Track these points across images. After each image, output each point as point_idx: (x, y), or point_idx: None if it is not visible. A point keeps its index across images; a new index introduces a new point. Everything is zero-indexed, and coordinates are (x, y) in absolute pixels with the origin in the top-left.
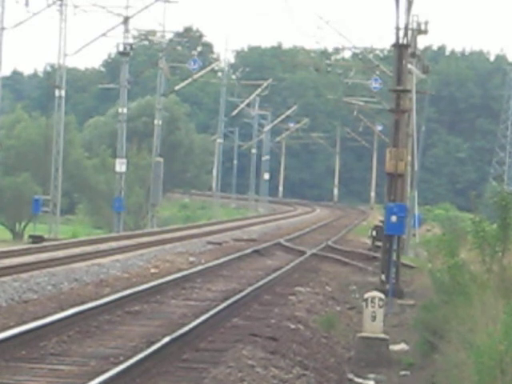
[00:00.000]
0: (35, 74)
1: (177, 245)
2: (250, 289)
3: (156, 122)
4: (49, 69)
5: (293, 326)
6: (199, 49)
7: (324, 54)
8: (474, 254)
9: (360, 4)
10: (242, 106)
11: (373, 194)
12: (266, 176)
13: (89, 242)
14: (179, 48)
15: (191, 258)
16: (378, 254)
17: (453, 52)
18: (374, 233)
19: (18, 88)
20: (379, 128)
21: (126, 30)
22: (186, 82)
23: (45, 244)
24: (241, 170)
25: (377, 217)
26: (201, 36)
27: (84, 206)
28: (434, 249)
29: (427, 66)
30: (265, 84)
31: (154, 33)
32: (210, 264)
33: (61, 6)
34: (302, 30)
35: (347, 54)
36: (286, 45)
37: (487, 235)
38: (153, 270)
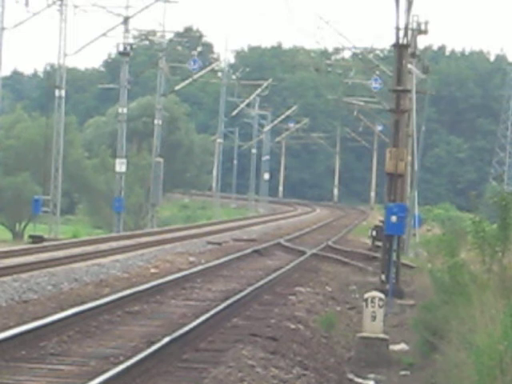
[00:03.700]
0: (35, 74)
1: (177, 245)
2: (250, 289)
3: (156, 121)
4: (49, 69)
5: (293, 326)
6: (199, 49)
7: (324, 54)
8: (474, 254)
9: (360, 4)
10: (242, 105)
11: (373, 194)
12: (266, 176)
13: (89, 242)
14: (179, 48)
15: (191, 258)
16: (378, 254)
17: (453, 52)
18: (374, 233)
19: (18, 88)
20: (379, 128)
21: (126, 30)
22: (186, 82)
23: (45, 244)
24: (241, 170)
25: (377, 217)
26: (201, 36)
27: (84, 206)
28: (434, 249)
29: (427, 66)
30: (265, 84)
31: (154, 33)
32: (210, 264)
33: (61, 5)
34: (302, 29)
35: (347, 54)
36: (286, 45)
37: (487, 235)
38: (153, 270)
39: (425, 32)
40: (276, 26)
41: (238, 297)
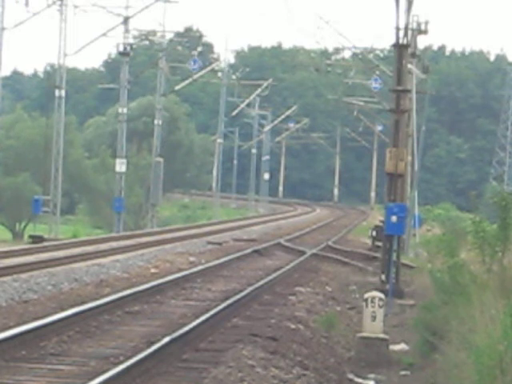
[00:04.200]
0: (35, 74)
1: (177, 245)
2: (250, 289)
3: (156, 121)
4: (49, 69)
5: (293, 326)
6: (199, 49)
7: (324, 54)
8: (474, 254)
9: (360, 4)
10: (242, 106)
11: (373, 194)
12: (266, 176)
13: (89, 242)
14: (179, 48)
15: (191, 258)
16: (378, 254)
17: (453, 52)
18: (374, 233)
19: (18, 88)
20: (379, 128)
21: (126, 30)
22: (186, 82)
23: (45, 244)
24: (241, 170)
25: (377, 217)
26: (201, 36)
27: (84, 206)
28: (434, 249)
29: (427, 66)
30: (265, 84)
31: (154, 33)
32: (210, 264)
33: (61, 5)
34: (302, 29)
35: (347, 54)
36: (286, 45)
37: (487, 235)
38: (153, 270)
39: (425, 32)
40: (276, 26)
41: (238, 297)
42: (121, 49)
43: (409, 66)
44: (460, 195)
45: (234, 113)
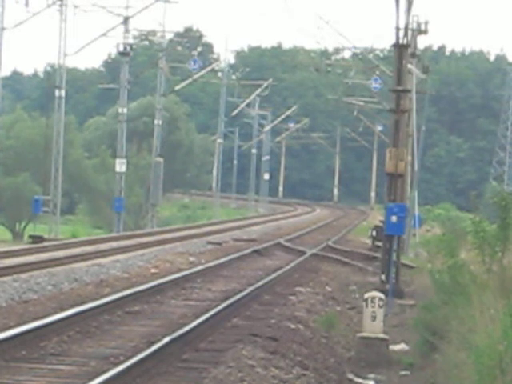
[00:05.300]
0: (35, 74)
1: (177, 245)
2: (250, 289)
3: (156, 122)
4: (49, 69)
5: (293, 326)
6: (199, 49)
7: (324, 53)
8: (474, 254)
9: (360, 4)
10: (242, 106)
11: (373, 194)
12: (266, 176)
13: (89, 242)
14: (179, 48)
15: (191, 258)
16: (378, 254)
17: (453, 52)
18: (374, 233)
19: (18, 88)
20: (379, 128)
21: (126, 30)
22: (186, 82)
23: (45, 244)
24: (241, 170)
25: (377, 217)
26: (201, 36)
27: (84, 206)
28: (434, 249)
29: (427, 66)
30: (265, 84)
31: (154, 33)
32: (210, 264)
33: (61, 6)
34: (302, 29)
35: (347, 54)
36: (286, 45)
37: (487, 235)
38: (153, 270)
39: (425, 32)
40: (276, 26)
41: (238, 297)
42: (121, 49)
43: (409, 66)
44: (460, 195)
45: (233, 113)
